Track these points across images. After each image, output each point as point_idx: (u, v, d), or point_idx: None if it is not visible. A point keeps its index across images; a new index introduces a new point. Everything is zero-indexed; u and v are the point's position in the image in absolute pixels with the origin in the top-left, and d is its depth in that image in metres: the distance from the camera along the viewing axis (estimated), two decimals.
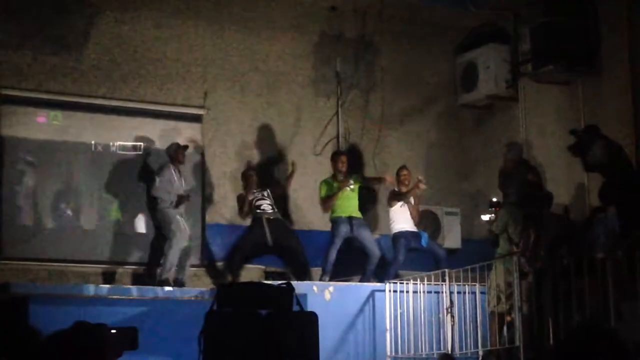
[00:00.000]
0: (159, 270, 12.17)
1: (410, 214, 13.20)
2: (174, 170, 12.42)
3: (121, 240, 12.70)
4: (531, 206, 11.64)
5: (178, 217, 12.25)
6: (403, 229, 13.14)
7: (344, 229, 12.90)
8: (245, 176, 13.09)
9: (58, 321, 11.05)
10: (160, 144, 12.90)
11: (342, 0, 14.06)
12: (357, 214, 13.07)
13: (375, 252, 12.92)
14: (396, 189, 13.31)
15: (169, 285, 11.98)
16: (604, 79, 12.87)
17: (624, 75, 12.47)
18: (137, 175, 12.84)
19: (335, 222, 12.98)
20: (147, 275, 12.51)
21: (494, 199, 12.20)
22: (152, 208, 12.52)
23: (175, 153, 12.50)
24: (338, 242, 12.87)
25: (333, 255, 12.78)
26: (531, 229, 11.20)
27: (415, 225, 13.29)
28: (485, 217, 12.18)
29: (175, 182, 12.36)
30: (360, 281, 12.83)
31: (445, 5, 14.36)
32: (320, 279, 12.57)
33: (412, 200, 13.22)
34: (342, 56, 14.14)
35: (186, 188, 12.53)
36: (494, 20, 14.53)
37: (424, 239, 13.19)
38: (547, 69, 13.18)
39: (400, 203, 13.16)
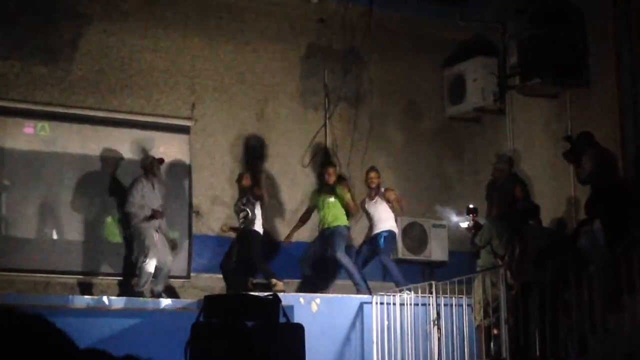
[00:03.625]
0: (133, 282, 12.12)
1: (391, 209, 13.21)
2: (147, 183, 12.36)
3: (107, 252, 12.65)
4: (516, 219, 11.66)
5: (152, 231, 12.20)
6: (373, 233, 13.13)
7: (315, 245, 13.08)
8: (240, 177, 13.07)
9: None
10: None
11: (330, 12, 14.06)
12: (329, 224, 13.02)
13: (336, 255, 12.82)
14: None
15: (144, 296, 11.96)
16: (592, 91, 12.91)
17: (611, 87, 12.51)
18: (112, 187, 12.78)
19: None
20: (125, 286, 12.44)
21: (471, 206, 12.23)
22: (126, 221, 12.48)
23: (151, 165, 12.45)
24: (309, 256, 13.06)
25: (304, 269, 12.97)
26: (516, 242, 11.22)
27: (400, 214, 13.33)
28: (463, 224, 12.20)
29: (148, 195, 12.30)
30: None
31: (433, 19, 14.39)
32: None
33: (380, 198, 13.17)
34: (330, 68, 14.15)
35: (160, 202, 12.45)
36: (482, 33, 14.58)
37: (381, 240, 13.06)
38: (535, 82, 13.20)
39: (372, 202, 13.12)
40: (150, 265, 12.04)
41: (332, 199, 13.03)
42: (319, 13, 14.14)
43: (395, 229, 13.24)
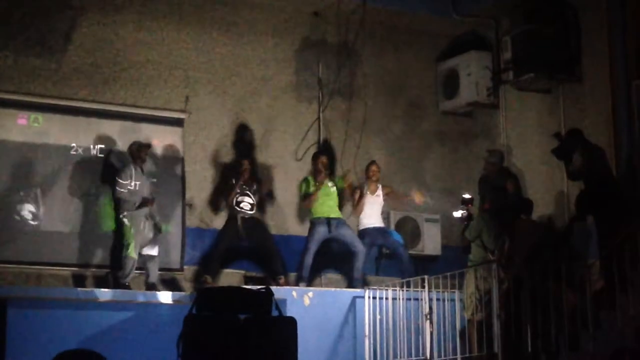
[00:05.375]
0: (120, 274, 12.12)
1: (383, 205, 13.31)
2: (136, 169, 12.35)
3: (100, 244, 12.63)
4: (507, 213, 11.69)
5: (141, 219, 12.18)
6: (369, 225, 13.17)
7: (321, 231, 12.90)
8: (240, 164, 13.07)
9: (35, 324, 11.01)
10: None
11: (324, 6, 14.05)
12: (336, 214, 13.06)
13: (359, 247, 12.91)
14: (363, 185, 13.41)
15: (129, 288, 11.95)
16: (585, 86, 12.93)
17: (604, 83, 12.53)
18: (105, 178, 12.77)
19: (312, 223, 13.00)
20: (112, 278, 12.42)
21: (466, 196, 12.26)
22: (116, 209, 12.46)
23: (138, 151, 12.42)
24: (313, 247, 12.84)
25: (309, 260, 12.78)
26: (506, 236, 11.25)
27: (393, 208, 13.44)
28: (457, 214, 12.24)
29: (138, 181, 12.29)
30: (351, 281, 12.89)
31: (427, 13, 14.39)
32: (297, 285, 12.58)
33: (381, 194, 13.27)
34: (324, 62, 14.14)
35: (150, 188, 12.44)
36: (476, 27, 14.58)
37: (397, 235, 13.27)
38: (528, 77, 13.23)
39: (368, 197, 13.18)
40: (133, 255, 12.01)
41: (333, 188, 13.09)
42: (314, 7, 14.13)
43: None
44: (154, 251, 12.25)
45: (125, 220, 12.18)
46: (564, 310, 10.10)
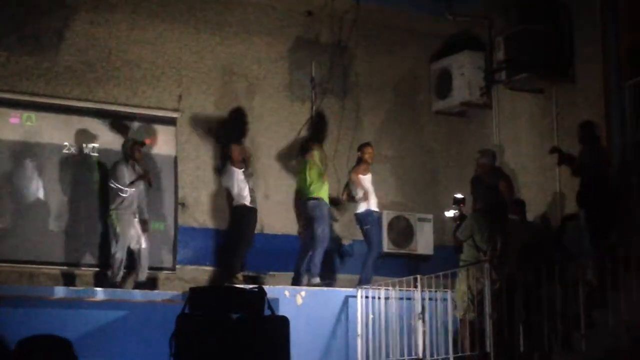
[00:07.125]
0: (109, 273, 12.10)
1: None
2: (128, 167, 12.34)
3: (92, 243, 12.62)
4: (499, 213, 11.70)
5: (129, 216, 12.19)
6: (367, 209, 13.19)
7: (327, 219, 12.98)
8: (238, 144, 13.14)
9: (28, 323, 10.98)
10: None
11: (318, 5, 14.05)
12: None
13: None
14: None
15: (119, 287, 11.94)
16: (578, 87, 12.95)
17: (597, 83, 12.55)
18: (98, 177, 12.76)
19: (321, 205, 12.94)
20: (103, 277, 12.41)
21: (458, 195, 12.28)
22: (105, 207, 12.45)
23: (131, 150, 12.43)
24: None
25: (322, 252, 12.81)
26: (498, 236, 11.26)
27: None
28: (449, 214, 12.25)
29: (129, 180, 12.28)
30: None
31: (421, 13, 14.39)
32: (310, 283, 12.58)
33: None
34: (318, 61, 14.14)
35: (141, 188, 12.45)
36: (469, 27, 14.59)
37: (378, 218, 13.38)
38: (521, 77, 13.24)
39: (365, 179, 13.17)
40: (121, 253, 12.01)
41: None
42: (307, 6, 14.13)
43: None
44: (142, 244, 12.22)
45: (113, 215, 12.17)
46: (556, 309, 10.12)
